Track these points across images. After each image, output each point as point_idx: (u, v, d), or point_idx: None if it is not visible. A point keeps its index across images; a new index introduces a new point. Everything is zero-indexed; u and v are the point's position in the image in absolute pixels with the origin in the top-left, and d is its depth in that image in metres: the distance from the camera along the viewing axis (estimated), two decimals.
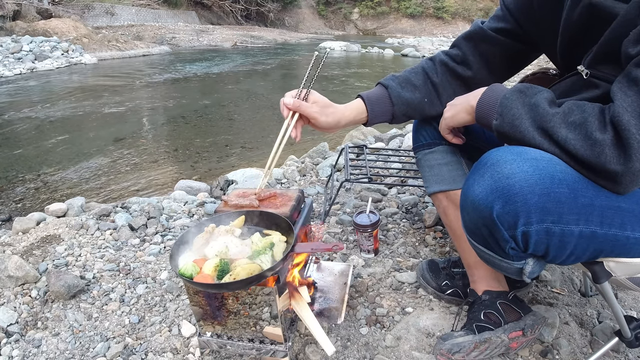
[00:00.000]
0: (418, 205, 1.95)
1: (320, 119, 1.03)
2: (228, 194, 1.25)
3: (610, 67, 0.79)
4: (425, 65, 1.17)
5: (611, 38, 0.75)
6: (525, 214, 0.73)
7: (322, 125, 1.04)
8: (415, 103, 1.13)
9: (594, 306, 1.32)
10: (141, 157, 4.11)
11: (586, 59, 0.84)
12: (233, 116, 5.86)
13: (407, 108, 1.12)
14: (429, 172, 1.25)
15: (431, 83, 1.14)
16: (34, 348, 1.23)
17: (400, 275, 1.43)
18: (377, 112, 1.10)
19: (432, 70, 1.15)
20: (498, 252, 0.83)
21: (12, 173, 3.65)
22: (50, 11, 14.31)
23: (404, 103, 1.11)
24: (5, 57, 9.79)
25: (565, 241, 0.75)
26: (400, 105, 1.11)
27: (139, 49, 13.54)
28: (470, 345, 1.02)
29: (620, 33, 0.72)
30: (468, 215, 0.83)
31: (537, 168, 0.73)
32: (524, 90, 0.82)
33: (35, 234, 1.84)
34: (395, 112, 1.11)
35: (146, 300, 1.41)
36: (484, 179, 0.78)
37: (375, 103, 1.10)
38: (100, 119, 5.55)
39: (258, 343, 1.02)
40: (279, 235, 1.04)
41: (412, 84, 1.13)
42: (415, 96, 1.12)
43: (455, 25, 28.15)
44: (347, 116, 1.08)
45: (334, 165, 2.33)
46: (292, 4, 28.52)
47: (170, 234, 1.84)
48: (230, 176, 2.57)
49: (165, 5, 20.24)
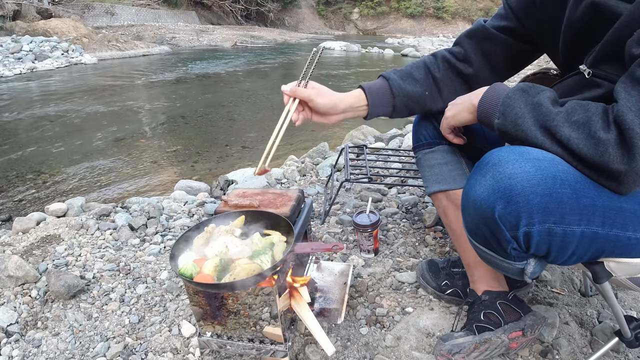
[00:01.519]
0: (418, 205, 1.95)
1: (316, 100, 1.04)
2: (228, 194, 1.25)
3: (612, 66, 0.79)
4: (427, 60, 1.17)
5: (614, 38, 0.75)
6: (527, 215, 0.73)
7: (320, 108, 1.05)
8: (417, 96, 1.13)
9: (594, 306, 1.32)
10: (141, 157, 4.11)
11: (588, 59, 0.84)
12: (233, 116, 5.86)
13: (408, 100, 1.12)
14: (428, 172, 1.24)
15: (432, 78, 1.14)
16: (34, 348, 1.23)
17: (400, 275, 1.43)
18: (377, 104, 1.10)
19: (434, 65, 1.15)
20: (499, 253, 0.83)
21: (12, 173, 3.65)
22: (50, 11, 14.32)
23: (405, 95, 1.11)
24: (5, 57, 9.79)
25: (567, 242, 0.75)
26: (401, 97, 1.11)
27: (139, 49, 13.53)
28: (471, 345, 1.02)
29: (624, 33, 0.72)
30: (469, 215, 0.83)
31: (539, 168, 0.73)
32: (527, 89, 0.82)
33: (35, 233, 1.84)
34: (396, 104, 1.11)
35: (146, 300, 1.41)
36: (486, 179, 0.77)
37: (375, 94, 1.10)
38: (100, 118, 5.55)
39: (258, 343, 1.02)
40: (279, 235, 1.04)
41: (414, 77, 1.13)
42: (417, 89, 1.12)
43: (455, 25, 28.15)
44: (345, 100, 1.08)
45: (334, 165, 2.33)
46: (292, 4, 28.52)
47: (170, 234, 1.84)
48: (230, 176, 2.57)
49: (165, 5, 20.24)
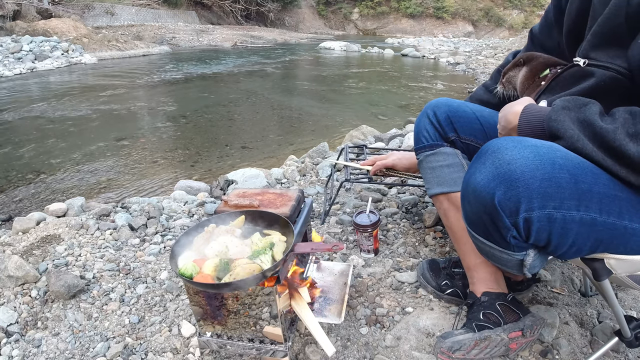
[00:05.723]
0: (418, 205, 1.95)
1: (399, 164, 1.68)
2: (228, 194, 1.25)
3: (604, 53, 0.80)
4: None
5: (604, 24, 0.77)
6: (527, 200, 0.73)
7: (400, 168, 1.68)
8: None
9: (594, 306, 1.32)
10: (141, 157, 4.11)
11: (580, 49, 0.85)
12: (233, 116, 5.86)
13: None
14: (430, 174, 1.25)
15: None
16: (34, 348, 1.23)
17: (400, 275, 1.43)
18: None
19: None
20: (499, 243, 0.83)
21: (12, 173, 3.65)
22: (50, 11, 14.30)
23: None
24: (5, 57, 9.78)
25: (567, 228, 0.75)
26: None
27: (139, 49, 13.52)
28: (471, 342, 1.02)
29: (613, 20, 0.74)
30: (469, 204, 0.83)
31: (537, 154, 0.74)
32: (567, 106, 0.81)
33: (35, 233, 1.83)
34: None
35: (146, 300, 1.41)
36: (485, 166, 0.78)
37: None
38: (100, 118, 5.55)
39: (258, 343, 1.02)
40: (279, 235, 1.04)
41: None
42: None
43: (455, 25, 28.14)
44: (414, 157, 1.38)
45: (334, 165, 2.33)
46: (292, 4, 28.50)
47: (170, 234, 1.84)
48: (230, 176, 2.57)
49: (165, 5, 20.21)
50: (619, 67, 0.82)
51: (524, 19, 27.82)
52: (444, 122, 1.26)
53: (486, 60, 11.62)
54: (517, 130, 0.88)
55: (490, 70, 9.82)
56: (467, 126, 1.26)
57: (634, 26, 0.77)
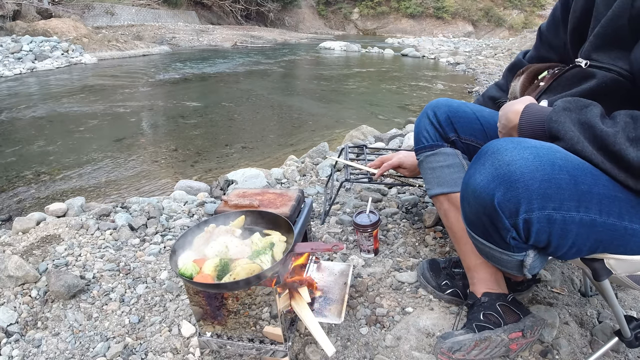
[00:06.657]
0: (418, 205, 1.95)
1: (406, 162, 1.62)
2: (228, 194, 1.25)
3: (604, 55, 0.80)
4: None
5: (607, 26, 0.77)
6: (526, 201, 0.73)
7: (409, 167, 1.63)
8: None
9: (594, 306, 1.32)
10: (141, 157, 4.11)
11: (582, 50, 0.85)
12: (233, 116, 5.86)
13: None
14: (430, 175, 1.25)
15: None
16: (34, 348, 1.23)
17: (400, 275, 1.43)
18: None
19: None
20: (499, 244, 0.82)
21: (12, 173, 3.65)
22: (50, 11, 14.30)
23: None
24: (5, 57, 9.77)
25: (566, 229, 0.75)
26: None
27: (139, 49, 13.52)
28: (471, 343, 1.02)
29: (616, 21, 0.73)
30: (469, 205, 0.83)
31: (537, 155, 0.73)
32: (568, 107, 0.80)
33: (35, 233, 1.83)
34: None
35: (146, 300, 1.41)
36: (485, 167, 0.77)
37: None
38: (100, 118, 5.55)
39: (258, 343, 1.02)
40: (279, 235, 1.04)
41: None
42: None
43: (455, 25, 28.13)
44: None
45: (334, 165, 2.33)
46: (292, 4, 28.49)
47: (170, 234, 1.84)
48: (230, 176, 2.57)
49: (165, 5, 20.21)
50: (621, 69, 0.82)
51: (524, 19, 27.81)
52: (444, 122, 1.26)
53: (486, 60, 11.62)
54: (517, 129, 0.88)
55: (490, 70, 9.83)
56: (467, 126, 1.26)
57: (637, 28, 0.77)
